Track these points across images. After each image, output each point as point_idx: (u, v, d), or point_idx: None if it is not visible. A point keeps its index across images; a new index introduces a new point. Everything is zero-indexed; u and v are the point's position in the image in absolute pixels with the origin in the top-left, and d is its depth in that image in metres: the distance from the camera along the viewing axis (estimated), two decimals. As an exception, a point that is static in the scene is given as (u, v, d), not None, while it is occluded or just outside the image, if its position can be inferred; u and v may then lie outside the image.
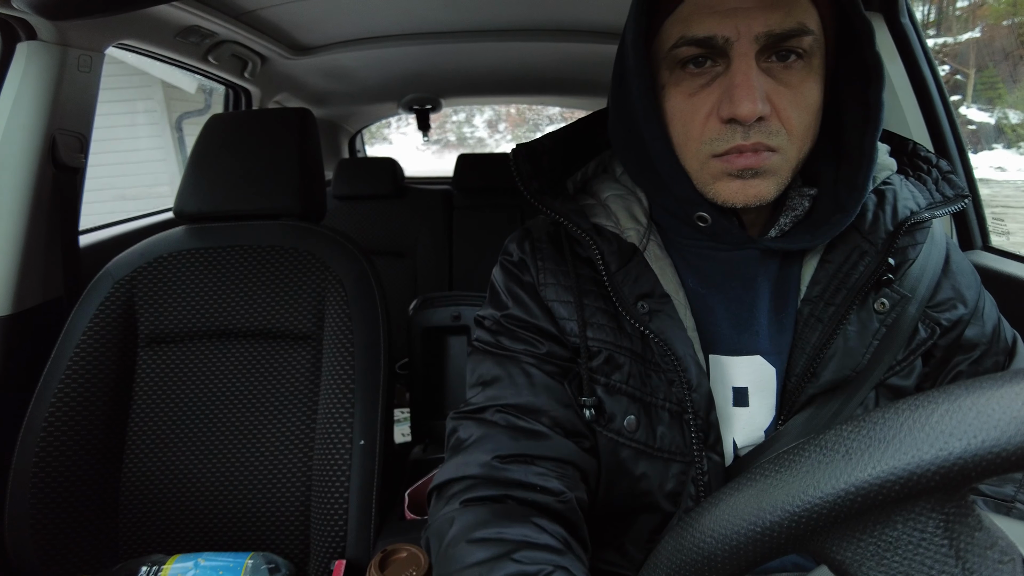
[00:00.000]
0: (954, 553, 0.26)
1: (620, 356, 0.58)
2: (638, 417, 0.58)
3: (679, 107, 0.53)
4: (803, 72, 0.51)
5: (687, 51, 0.51)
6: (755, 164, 0.52)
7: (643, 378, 0.58)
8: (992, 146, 10.65)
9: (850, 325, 0.56)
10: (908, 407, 0.27)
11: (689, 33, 0.50)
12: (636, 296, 0.57)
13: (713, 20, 0.49)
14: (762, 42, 0.49)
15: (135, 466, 0.95)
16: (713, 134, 0.52)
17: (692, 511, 0.31)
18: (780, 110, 0.51)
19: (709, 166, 0.53)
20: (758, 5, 0.48)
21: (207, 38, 1.45)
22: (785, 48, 0.50)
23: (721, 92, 0.51)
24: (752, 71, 0.49)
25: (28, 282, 1.09)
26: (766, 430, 0.58)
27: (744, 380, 0.58)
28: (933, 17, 12.59)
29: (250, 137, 1.04)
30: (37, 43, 1.07)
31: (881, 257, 0.56)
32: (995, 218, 1.16)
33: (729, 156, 0.52)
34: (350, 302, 0.96)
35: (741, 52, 0.49)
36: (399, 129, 14.74)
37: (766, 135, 0.51)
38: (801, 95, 0.51)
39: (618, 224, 0.60)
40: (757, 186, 0.53)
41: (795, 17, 0.49)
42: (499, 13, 1.59)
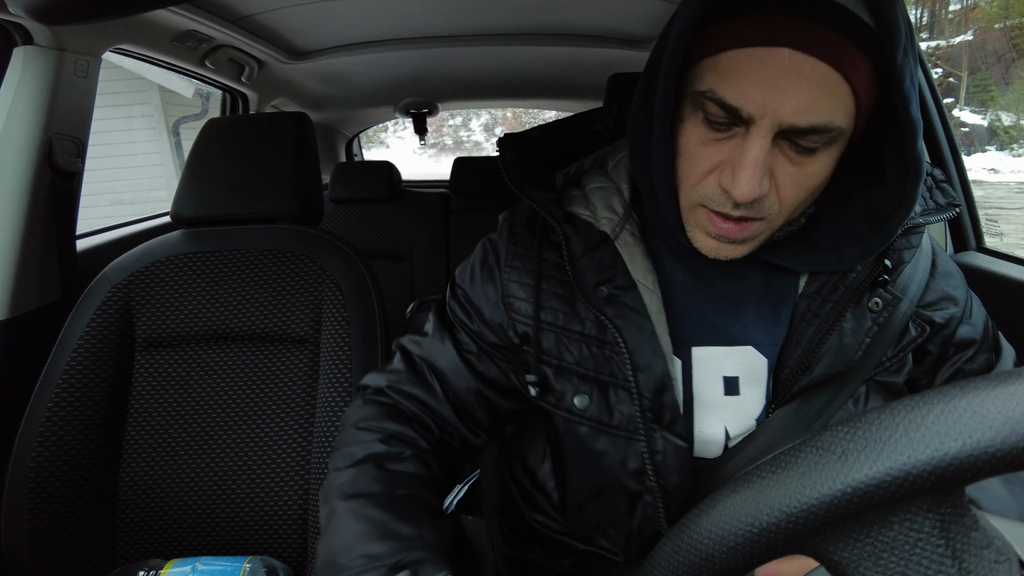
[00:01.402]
0: (951, 553, 0.26)
1: (570, 339, 0.60)
2: (591, 396, 0.60)
3: (689, 148, 0.52)
4: (816, 158, 0.49)
5: (713, 107, 0.49)
6: (736, 234, 0.52)
7: (601, 360, 0.59)
8: (985, 148, 10.72)
9: (846, 322, 0.57)
10: (904, 408, 0.27)
11: (720, 94, 0.48)
12: (597, 282, 0.59)
13: (748, 90, 0.46)
14: (782, 128, 0.47)
15: (132, 470, 0.95)
16: (708, 190, 0.52)
17: (690, 513, 0.31)
18: (780, 187, 0.50)
19: (695, 212, 0.54)
20: (794, 89, 0.45)
21: (204, 43, 1.45)
22: (800, 140, 0.48)
23: (729, 156, 0.50)
24: (763, 153, 0.47)
25: (25, 287, 1.09)
26: (758, 418, 0.60)
27: (735, 370, 0.59)
28: (926, 20, 12.66)
29: (247, 141, 1.04)
30: (34, 48, 1.07)
31: (878, 258, 0.57)
32: (989, 220, 1.17)
33: (714, 215, 0.52)
34: (347, 305, 0.96)
35: (760, 132, 0.47)
36: (396, 133, 14.75)
37: (755, 210, 0.51)
38: (806, 176, 0.50)
39: (594, 214, 0.62)
40: (731, 250, 0.54)
41: (827, 114, 0.46)
42: (495, 17, 1.60)
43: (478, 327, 0.66)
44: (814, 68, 0.45)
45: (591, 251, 0.60)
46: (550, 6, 1.51)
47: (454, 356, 0.67)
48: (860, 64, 0.45)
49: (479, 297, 0.66)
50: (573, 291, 0.61)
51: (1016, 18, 10.98)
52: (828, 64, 0.45)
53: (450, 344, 0.67)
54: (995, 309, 0.68)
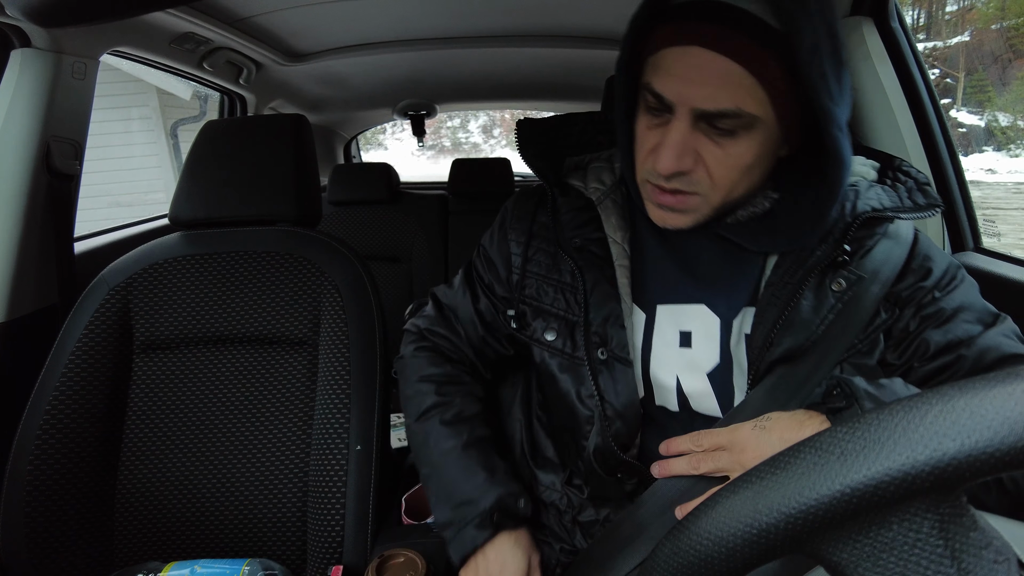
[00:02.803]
0: (950, 553, 0.26)
1: (548, 284, 0.73)
2: (559, 331, 0.71)
3: (639, 134, 0.63)
4: (737, 140, 0.57)
5: (649, 98, 0.60)
6: (671, 204, 0.62)
7: (572, 303, 0.71)
8: (982, 148, 10.74)
9: (804, 300, 0.63)
10: (902, 408, 0.27)
11: (653, 86, 0.58)
12: (573, 234, 0.71)
13: (668, 81, 0.57)
14: (697, 114, 0.56)
15: (131, 473, 0.95)
16: (649, 167, 0.62)
17: (689, 514, 0.31)
18: (708, 166, 0.59)
19: (644, 187, 0.65)
20: (702, 83, 0.55)
21: (202, 45, 1.46)
22: (714, 123, 0.56)
23: (661, 139, 0.59)
24: (681, 135, 0.57)
25: (22, 289, 1.09)
26: (708, 373, 0.67)
27: (690, 325, 0.68)
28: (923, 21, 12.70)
29: (245, 143, 1.04)
30: (31, 50, 1.07)
31: (837, 244, 0.63)
32: (986, 220, 1.17)
33: (654, 188, 0.63)
34: (346, 307, 0.96)
35: (679, 116, 0.57)
36: (394, 135, 14.76)
37: (685, 184, 0.60)
38: (731, 157, 0.58)
39: (586, 185, 0.74)
40: (674, 218, 0.63)
41: (733, 100, 0.55)
42: (493, 19, 1.60)
43: (489, 279, 0.79)
44: (721, 63, 0.54)
45: (574, 211, 0.72)
46: (547, 8, 1.51)
47: (470, 308, 0.81)
48: (764, 60, 0.54)
49: (495, 253, 0.79)
50: (557, 247, 0.73)
51: (1013, 19, 11.03)
52: (733, 60, 0.54)
53: (468, 298, 0.81)
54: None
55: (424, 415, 0.78)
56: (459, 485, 0.72)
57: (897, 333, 0.64)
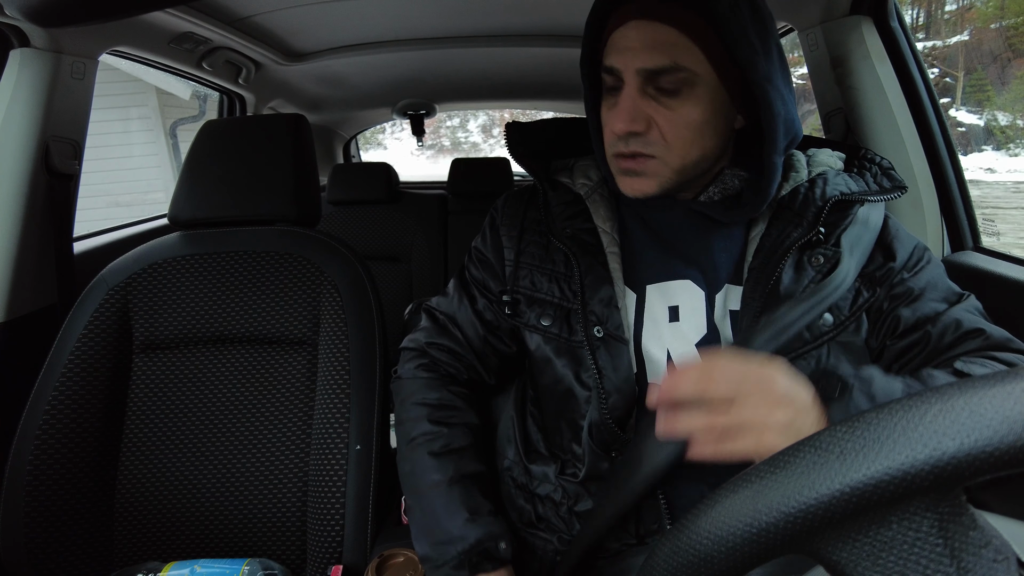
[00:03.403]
0: (949, 552, 0.26)
1: (542, 274, 0.76)
2: (554, 318, 0.74)
3: (604, 117, 0.70)
4: (683, 98, 0.64)
5: (607, 77, 0.67)
6: (633, 167, 0.67)
7: (567, 291, 0.74)
8: (982, 148, 10.74)
9: (784, 275, 0.67)
10: (901, 407, 0.27)
11: (605, 62, 0.66)
12: (564, 225, 0.75)
13: (614, 55, 0.65)
14: (642, 75, 0.63)
15: (130, 473, 0.95)
16: (611, 139, 0.68)
17: (689, 513, 0.31)
18: (660, 126, 0.65)
19: (613, 162, 0.70)
20: (642, 47, 0.62)
21: (201, 45, 1.46)
22: (668, 80, 0.63)
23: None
24: (631, 99, 0.64)
25: (21, 289, 1.09)
26: (696, 343, 0.71)
27: (677, 299, 0.72)
28: (922, 20, 12.70)
29: (244, 143, 1.04)
30: (30, 50, 1.07)
31: (811, 227, 0.67)
32: (985, 219, 1.17)
33: (618, 157, 0.68)
34: (345, 307, 0.96)
35: (628, 81, 0.64)
36: (394, 134, 14.75)
37: (642, 145, 0.65)
38: (680, 116, 0.64)
39: (573, 181, 0.78)
40: (640, 183, 0.68)
41: (671, 57, 0.62)
42: (492, 19, 1.60)
43: (484, 277, 0.81)
44: (654, 28, 0.62)
45: (564, 204, 0.77)
46: (546, 7, 1.51)
47: (468, 311, 0.82)
48: (692, 20, 0.61)
49: (488, 251, 0.81)
50: (548, 239, 0.77)
51: (1012, 18, 11.03)
52: (665, 24, 0.62)
53: (466, 301, 0.82)
54: (992, 308, 0.69)
55: (413, 442, 0.78)
56: (440, 522, 0.72)
57: (872, 313, 0.69)
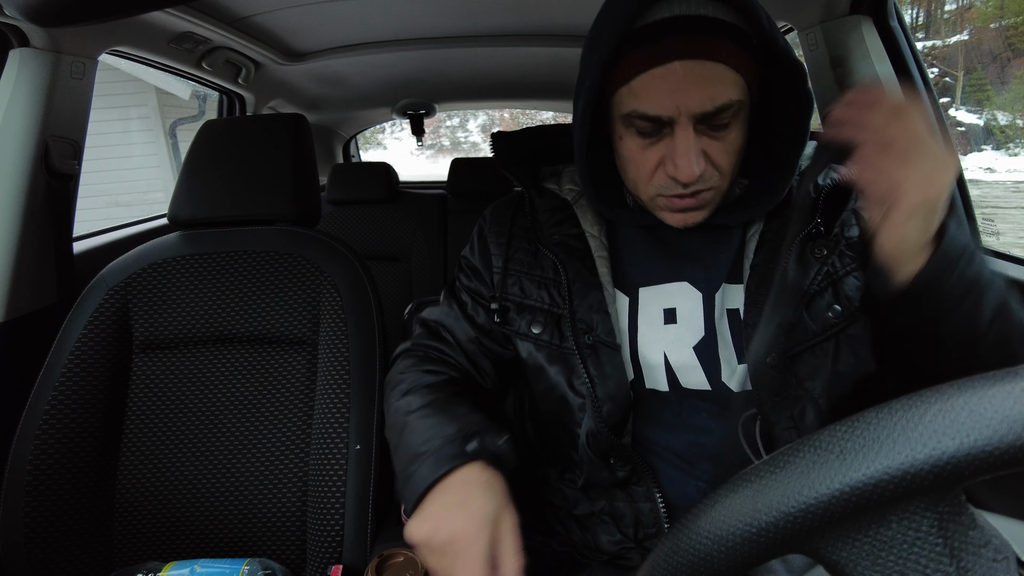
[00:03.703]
0: (949, 552, 0.26)
1: (531, 281, 0.75)
2: (544, 324, 0.73)
3: (633, 156, 0.66)
4: (730, 127, 0.62)
5: (639, 123, 0.62)
6: (693, 204, 0.65)
7: (556, 297, 0.73)
8: (981, 147, 10.75)
9: (789, 270, 0.66)
10: (901, 407, 0.27)
11: (641, 110, 0.61)
12: (552, 231, 0.75)
13: (659, 100, 0.60)
14: (697, 118, 0.60)
15: (130, 473, 0.95)
16: (660, 182, 0.65)
17: (689, 513, 0.31)
18: (714, 159, 0.63)
19: (656, 201, 0.67)
20: (694, 88, 0.59)
21: (200, 44, 1.46)
22: (715, 121, 0.61)
23: (666, 152, 0.62)
24: (690, 140, 0.60)
25: (21, 289, 1.09)
26: (694, 347, 0.69)
27: (673, 302, 0.71)
28: (922, 20, 12.70)
29: (244, 143, 1.04)
30: (30, 50, 1.06)
31: (807, 219, 0.67)
32: (985, 219, 1.17)
33: (672, 199, 0.65)
34: (345, 307, 0.96)
35: (681, 125, 0.60)
36: (393, 134, 14.76)
37: (702, 183, 0.63)
38: (729, 144, 0.63)
39: (560, 187, 0.78)
40: (696, 216, 0.67)
41: (724, 94, 0.59)
42: (492, 18, 1.60)
43: (475, 284, 0.80)
44: (701, 67, 0.59)
45: (551, 211, 0.76)
46: (546, 7, 1.51)
47: (459, 315, 0.81)
48: (731, 50, 0.59)
49: (477, 260, 0.81)
50: (536, 246, 0.76)
51: (1012, 18, 11.03)
52: (709, 60, 0.59)
53: (456, 307, 0.81)
54: (992, 308, 0.68)
55: (398, 394, 0.74)
56: (420, 434, 0.64)
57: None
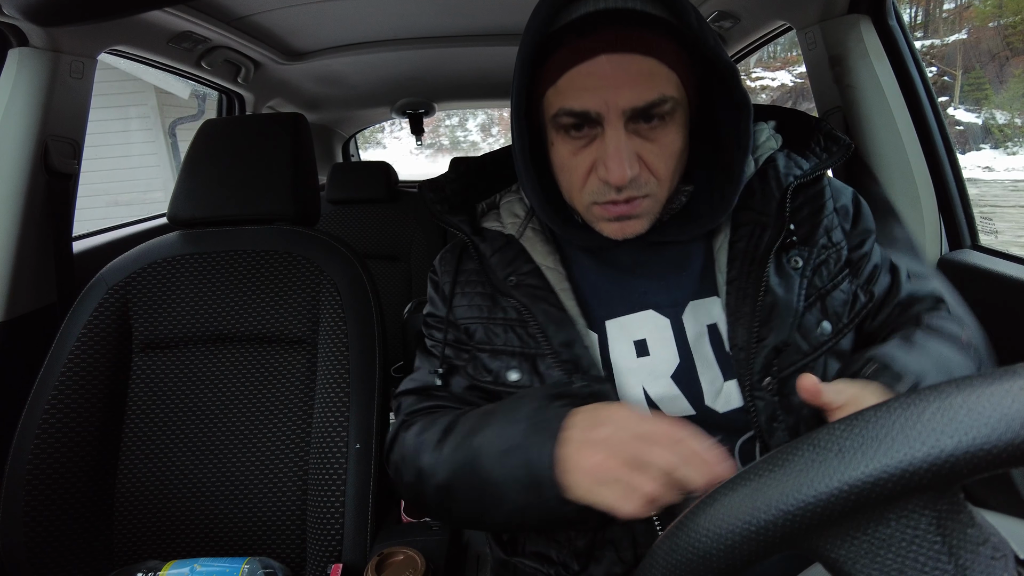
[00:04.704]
0: (947, 550, 0.27)
1: (495, 325, 0.69)
2: (521, 369, 0.67)
3: (564, 162, 0.63)
4: (666, 128, 0.59)
5: (566, 120, 0.60)
6: (628, 212, 0.62)
7: (526, 337, 0.67)
8: (980, 146, 10.76)
9: (773, 283, 0.63)
10: (900, 405, 0.27)
11: (567, 106, 0.59)
12: (505, 274, 0.69)
13: (585, 96, 0.57)
14: (628, 114, 0.57)
15: (130, 472, 0.95)
16: (593, 188, 0.62)
17: (688, 511, 0.31)
18: (649, 164, 0.60)
19: (592, 210, 0.64)
20: (623, 83, 0.56)
21: (200, 44, 1.45)
22: (648, 115, 0.58)
23: (598, 155, 0.60)
24: (621, 140, 0.58)
25: (21, 288, 1.09)
26: (672, 376, 0.65)
27: (641, 333, 0.66)
28: (920, 19, 12.70)
29: (243, 142, 1.04)
30: (29, 49, 1.06)
31: (777, 225, 0.64)
32: (983, 217, 1.17)
33: (607, 206, 0.62)
34: (345, 306, 0.96)
35: (611, 122, 0.58)
36: (392, 133, 14.75)
37: (636, 188, 0.60)
38: (665, 147, 0.60)
39: (503, 223, 0.73)
40: (632, 225, 0.63)
41: (656, 89, 0.57)
42: (491, 18, 1.60)
43: (454, 337, 0.74)
44: (631, 61, 0.56)
45: (498, 251, 0.71)
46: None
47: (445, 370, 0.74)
48: (664, 45, 0.57)
49: (439, 311, 0.76)
50: (494, 290, 0.71)
51: (1010, 17, 11.04)
52: (639, 54, 0.56)
53: (436, 361, 0.75)
54: (990, 306, 0.69)
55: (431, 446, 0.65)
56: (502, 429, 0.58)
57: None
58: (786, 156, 0.68)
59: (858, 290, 0.66)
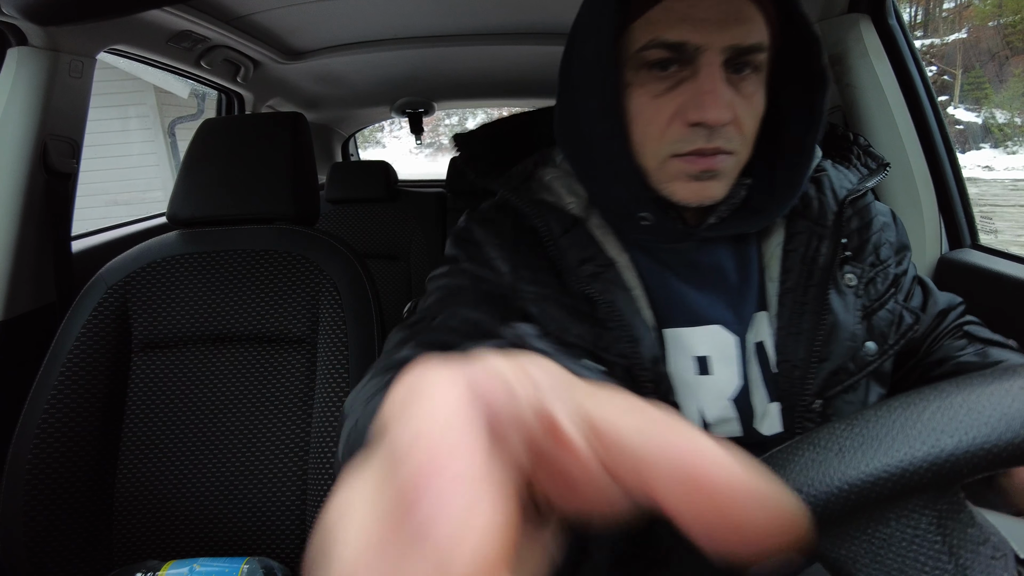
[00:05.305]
0: (947, 550, 0.26)
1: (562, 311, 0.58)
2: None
3: (644, 107, 0.55)
4: (755, 83, 0.54)
5: (657, 54, 0.52)
6: (713, 167, 0.54)
7: (595, 336, 0.58)
8: (979, 146, 10.76)
9: (833, 300, 0.59)
10: (900, 405, 0.27)
11: (661, 37, 0.52)
12: (580, 260, 0.60)
13: (685, 27, 0.51)
14: (727, 54, 0.52)
15: (130, 472, 0.95)
16: (676, 136, 0.54)
17: None
18: (738, 117, 0.54)
19: (668, 166, 0.56)
20: (726, 19, 0.51)
21: (199, 43, 1.45)
22: (743, 62, 0.53)
23: (688, 97, 0.53)
24: (720, 80, 0.52)
25: (20, 288, 1.09)
26: (731, 398, 0.59)
27: (705, 349, 0.59)
28: (920, 19, 12.71)
29: (243, 142, 1.04)
30: (28, 48, 1.06)
31: (835, 238, 0.60)
32: (983, 217, 1.17)
33: (690, 157, 0.54)
34: (344, 306, 0.96)
35: (709, 61, 0.51)
36: (392, 133, 14.74)
37: (726, 140, 0.53)
38: (753, 104, 0.55)
39: (560, 199, 0.63)
40: (711, 187, 0.56)
41: (755, 35, 0.52)
42: (490, 17, 1.60)
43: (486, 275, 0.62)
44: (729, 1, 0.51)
45: (567, 233, 0.61)
46: (545, 5, 1.50)
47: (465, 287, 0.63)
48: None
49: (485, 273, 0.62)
50: (556, 279, 0.60)
51: (1010, 16, 11.04)
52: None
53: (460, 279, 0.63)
54: (989, 306, 0.69)
55: None
56: None
57: None
58: (832, 166, 0.65)
59: (903, 310, 0.63)
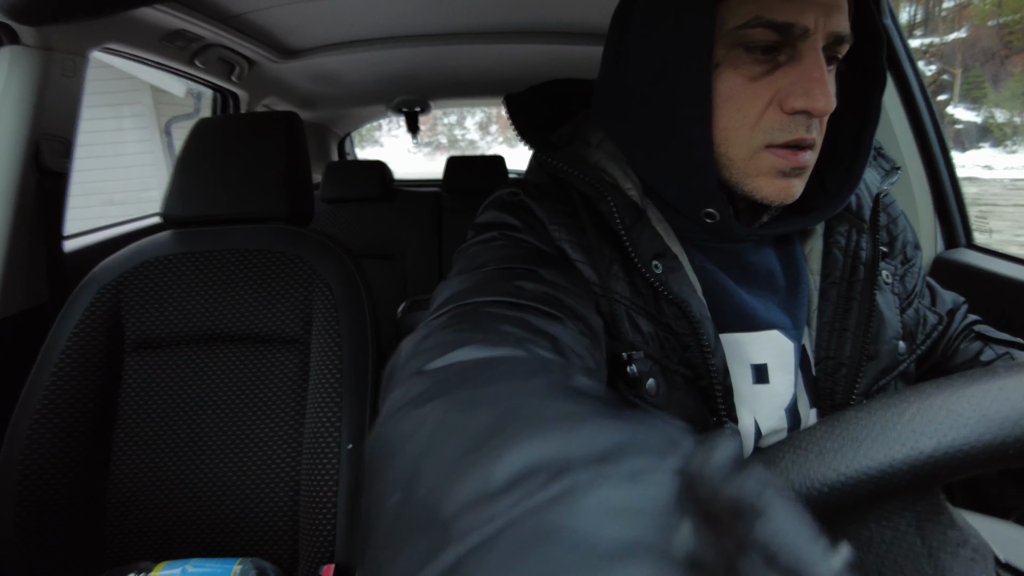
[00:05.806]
0: (927, 551, 0.26)
1: (637, 314, 0.53)
2: (657, 381, 0.52)
3: (736, 92, 0.49)
4: (833, 75, 0.50)
5: (761, 34, 0.47)
6: (805, 163, 0.50)
7: (661, 340, 0.53)
8: (979, 145, 10.77)
9: (879, 300, 0.57)
10: (881, 406, 0.27)
11: (768, 16, 0.46)
12: (651, 254, 0.53)
13: (792, 8, 0.46)
14: (829, 40, 0.47)
15: (122, 473, 0.94)
16: (773, 124, 0.48)
17: None
18: None
19: (759, 158, 0.50)
20: (829, 4, 0.46)
21: (193, 42, 1.45)
22: (833, 53, 0.49)
23: (791, 82, 0.47)
24: (825, 66, 0.47)
25: (12, 288, 1.08)
26: (786, 408, 0.55)
27: (763, 356, 0.55)
28: (920, 18, 12.71)
29: (237, 141, 1.03)
30: (19, 47, 1.06)
31: (873, 233, 0.58)
32: (978, 216, 1.17)
33: (784, 152, 0.49)
34: (338, 306, 0.96)
35: (813, 46, 0.47)
36: (390, 131, 14.73)
37: (819, 133, 0.50)
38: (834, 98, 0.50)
39: (616, 181, 0.56)
40: (796, 186, 0.51)
41: (847, 25, 0.48)
42: (487, 15, 1.59)
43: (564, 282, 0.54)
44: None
45: (636, 222, 0.54)
46: (542, 4, 1.50)
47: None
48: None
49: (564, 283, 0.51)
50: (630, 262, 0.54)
51: (1009, 15, 11.04)
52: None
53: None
54: (984, 305, 0.69)
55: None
56: None
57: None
58: None
59: (927, 311, 0.63)
